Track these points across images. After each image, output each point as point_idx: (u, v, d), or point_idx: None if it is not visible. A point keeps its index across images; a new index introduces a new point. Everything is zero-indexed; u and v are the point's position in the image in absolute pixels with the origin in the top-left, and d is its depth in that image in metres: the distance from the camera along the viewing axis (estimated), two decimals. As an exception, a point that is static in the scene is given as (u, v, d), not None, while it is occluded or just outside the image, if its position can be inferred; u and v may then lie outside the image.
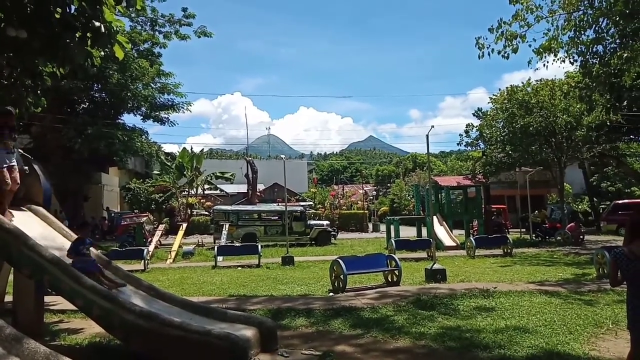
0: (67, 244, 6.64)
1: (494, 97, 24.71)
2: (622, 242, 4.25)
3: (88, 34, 6.04)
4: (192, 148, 39.13)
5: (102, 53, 6.66)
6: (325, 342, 6.27)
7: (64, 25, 5.98)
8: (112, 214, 30.34)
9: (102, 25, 5.90)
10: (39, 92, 7.43)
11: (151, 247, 18.46)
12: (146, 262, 15.43)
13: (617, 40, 11.22)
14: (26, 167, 6.77)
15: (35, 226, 6.60)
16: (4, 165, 6.21)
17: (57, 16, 5.96)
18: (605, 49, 11.45)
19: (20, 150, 7.14)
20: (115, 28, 6.20)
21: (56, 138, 23.45)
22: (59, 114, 23.25)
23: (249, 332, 5.44)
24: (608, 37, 11.05)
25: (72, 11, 6.04)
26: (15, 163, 6.42)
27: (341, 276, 10.13)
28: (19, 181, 6.43)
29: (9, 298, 6.91)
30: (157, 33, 26.12)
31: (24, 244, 5.56)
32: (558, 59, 11.40)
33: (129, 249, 17.11)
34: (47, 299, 7.49)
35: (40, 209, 7.01)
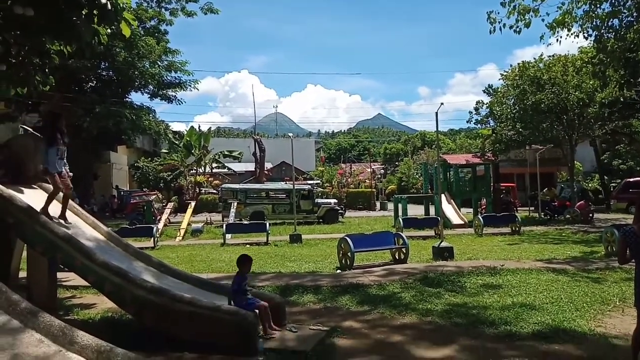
0: (79, 221, 6.76)
1: (505, 73, 24.44)
2: (632, 220, 4.22)
3: (94, 11, 6.02)
4: (199, 126, 39.51)
5: (109, 31, 6.64)
6: (333, 318, 6.36)
7: (70, 2, 5.94)
8: (122, 192, 30.68)
9: (108, 2, 5.85)
10: (46, 70, 7.45)
11: (160, 225, 18.67)
12: (156, 239, 15.61)
13: (635, 14, 10.94)
14: (70, 173, 6.61)
15: (46, 204, 6.67)
16: (56, 171, 6.19)
17: (63, -7, 5.92)
18: (621, 22, 11.17)
19: (30, 129, 7.21)
20: (121, 5, 6.15)
21: (65, 117, 23.59)
22: (67, 92, 23.29)
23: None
24: (625, 10, 10.79)
25: (78, -12, 5.99)
26: (65, 169, 6.40)
27: (349, 254, 10.18)
28: (71, 185, 6.46)
29: (22, 274, 7.02)
30: (163, 10, 25.97)
31: (37, 221, 5.65)
32: (572, 34, 11.15)
33: (139, 226, 17.32)
34: (59, 275, 7.70)
35: (51, 187, 7.08)
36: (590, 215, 20.70)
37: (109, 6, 5.89)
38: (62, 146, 6.32)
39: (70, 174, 6.58)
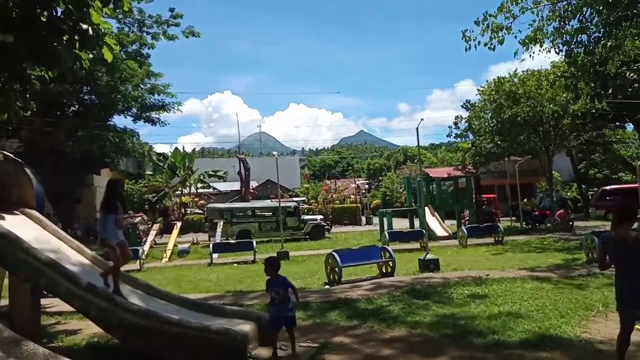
0: (62, 246, 6.64)
1: (481, 88, 24.95)
2: (610, 227, 4.29)
3: (76, 37, 5.98)
4: (184, 147, 39.13)
5: (91, 55, 6.61)
6: (323, 334, 6.30)
7: (51, 28, 5.91)
8: (106, 216, 30.16)
9: (89, 28, 5.83)
10: (27, 95, 7.35)
11: (146, 247, 18.55)
12: (142, 261, 15.48)
13: (601, 29, 11.33)
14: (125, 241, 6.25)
15: (29, 229, 6.57)
16: (117, 241, 5.87)
17: (44, 19, 5.88)
18: (590, 38, 11.57)
19: (10, 154, 7.09)
20: (103, 30, 6.14)
21: (46, 141, 23.18)
22: (48, 117, 22.99)
23: (247, 327, 5.48)
24: (592, 27, 11.16)
25: (59, 14, 5.98)
26: (124, 239, 6.10)
27: (336, 269, 10.21)
28: (131, 255, 6.14)
29: (4, 302, 6.84)
30: (144, 34, 25.92)
31: (19, 247, 5.54)
32: (544, 49, 11.49)
33: None
34: (43, 301, 7.49)
35: (34, 212, 6.98)
36: (570, 223, 21.02)
37: (91, 31, 5.87)
38: (120, 214, 6.02)
39: (125, 241, 6.19)
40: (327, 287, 9.95)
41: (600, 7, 10.24)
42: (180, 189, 33.05)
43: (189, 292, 9.79)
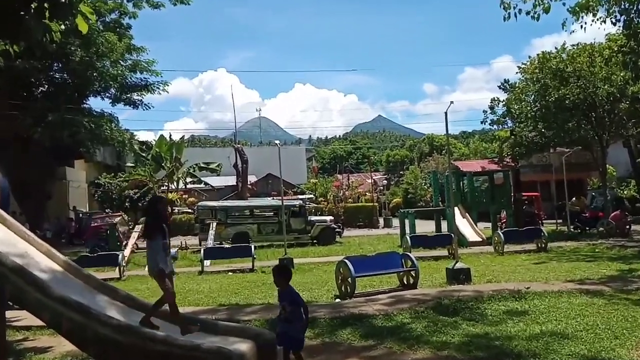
0: (30, 250, 6.68)
1: (522, 66, 24.66)
2: None
3: (45, 5, 6.01)
4: (170, 135, 39.32)
5: (63, 27, 6.63)
6: (333, 356, 6.33)
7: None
8: (80, 215, 30.38)
9: (61, -6, 5.86)
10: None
11: (127, 252, 18.51)
12: (122, 269, 15.55)
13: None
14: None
15: (-8, 230, 6.63)
16: (168, 270, 5.90)
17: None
18: (654, 5, 11.38)
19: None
20: (77, -4, 6.16)
21: (11, 127, 23.41)
22: (13, 99, 23.20)
23: (243, 346, 5.49)
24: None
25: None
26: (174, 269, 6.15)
27: (349, 279, 10.19)
28: (174, 292, 6.14)
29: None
30: (125, 1, 26.03)
31: (-21, 251, 5.57)
32: (598, 19, 11.35)
33: (101, 254, 17.19)
34: (8, 313, 7.44)
35: (9, 219, 7.03)
36: (627, 227, 20.81)
37: (63, -2, 5.90)
38: (167, 239, 6.01)
39: (175, 272, 6.22)
40: (337, 300, 9.97)
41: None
42: (166, 184, 33.16)
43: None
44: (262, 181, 45.26)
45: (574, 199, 23.47)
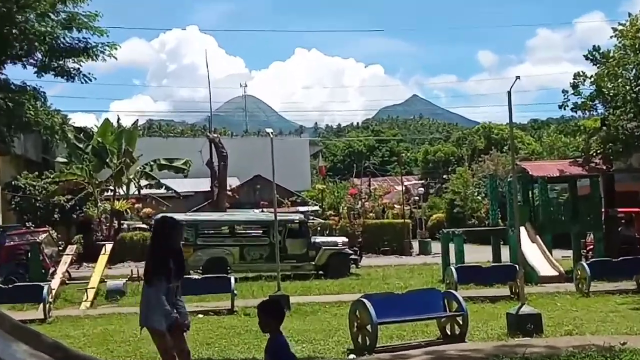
0: None
1: (619, 27, 22.94)
2: None
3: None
4: (119, 119, 38.71)
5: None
6: None
7: None
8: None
9: None
10: None
11: (55, 283, 17.98)
12: (48, 306, 14.81)
13: None
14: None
15: None
16: (164, 326, 6.21)
17: None
18: None
19: None
20: None
21: None
22: None
23: None
24: None
25: None
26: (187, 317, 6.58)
27: (368, 327, 9.83)
28: (189, 350, 6.58)
29: None
30: None
31: None
32: None
33: (19, 285, 16.81)
34: None
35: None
36: None
37: None
38: (175, 281, 6.14)
39: (188, 321, 6.54)
40: (352, 356, 9.74)
41: None
42: (112, 187, 32.57)
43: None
44: (247, 186, 43.57)
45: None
